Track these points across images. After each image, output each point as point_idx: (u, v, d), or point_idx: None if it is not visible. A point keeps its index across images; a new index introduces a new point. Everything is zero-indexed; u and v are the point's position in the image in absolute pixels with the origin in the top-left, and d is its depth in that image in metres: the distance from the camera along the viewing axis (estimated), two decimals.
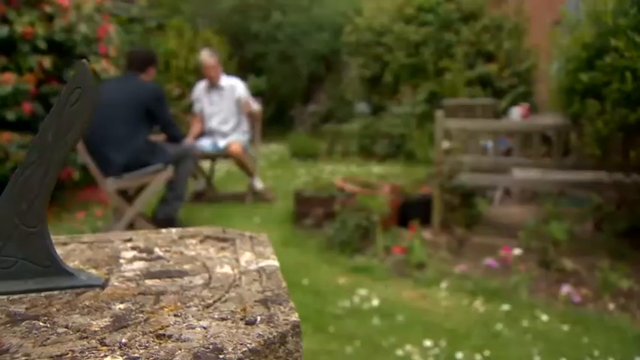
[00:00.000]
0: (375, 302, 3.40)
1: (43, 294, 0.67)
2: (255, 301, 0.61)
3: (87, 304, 0.63)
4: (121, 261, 0.78)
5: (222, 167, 7.37)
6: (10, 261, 0.68)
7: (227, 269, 0.73)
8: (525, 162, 4.88)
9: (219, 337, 0.53)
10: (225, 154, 5.86)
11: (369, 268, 4.01)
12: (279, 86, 11.04)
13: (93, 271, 0.75)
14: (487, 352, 2.80)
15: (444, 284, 3.70)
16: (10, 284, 0.68)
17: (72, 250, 0.85)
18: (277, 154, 9.33)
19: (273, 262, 0.74)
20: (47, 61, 4.95)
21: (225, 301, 0.61)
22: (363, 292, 3.57)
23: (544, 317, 3.19)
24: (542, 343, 2.88)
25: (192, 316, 0.58)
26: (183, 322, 0.56)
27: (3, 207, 0.68)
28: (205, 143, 5.82)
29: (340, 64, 11.35)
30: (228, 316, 0.58)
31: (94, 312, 0.60)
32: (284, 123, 10.75)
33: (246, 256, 0.78)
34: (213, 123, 5.94)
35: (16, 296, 0.67)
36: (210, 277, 0.70)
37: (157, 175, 4.59)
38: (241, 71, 8.58)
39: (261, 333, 0.53)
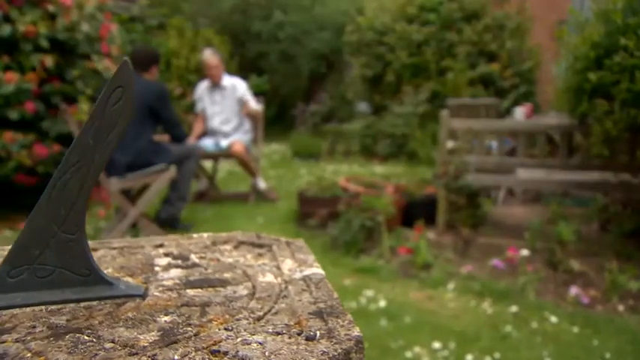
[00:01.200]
0: (382, 303, 3.38)
1: (81, 304, 0.65)
2: (309, 314, 0.58)
3: (130, 315, 0.60)
4: (157, 268, 0.75)
5: (224, 167, 7.35)
6: (47, 269, 0.65)
7: (270, 278, 0.70)
8: (530, 162, 4.86)
9: (280, 354, 0.50)
10: (227, 153, 5.83)
11: (375, 268, 3.99)
12: (280, 86, 11.02)
13: (129, 279, 0.72)
14: (497, 355, 2.78)
15: (450, 285, 3.68)
16: (48, 294, 0.65)
17: (102, 256, 0.82)
18: (279, 154, 9.30)
19: (319, 271, 0.71)
20: (49, 60, 4.92)
21: (276, 313, 0.59)
22: (369, 293, 3.54)
23: (553, 319, 3.17)
24: (553, 346, 2.86)
25: (245, 330, 0.55)
26: (237, 337, 0.53)
27: (41, 213, 0.65)
28: (207, 143, 5.80)
29: (342, 64, 11.33)
30: (284, 330, 0.55)
31: (139, 325, 0.58)
32: (285, 122, 10.72)
33: (287, 264, 0.75)
34: (215, 123, 5.91)
35: (54, 307, 0.64)
36: (254, 287, 0.67)
37: (161, 175, 4.56)
38: (242, 71, 8.56)
39: (325, 350, 0.50)
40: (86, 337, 0.55)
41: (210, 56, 5.76)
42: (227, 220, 5.25)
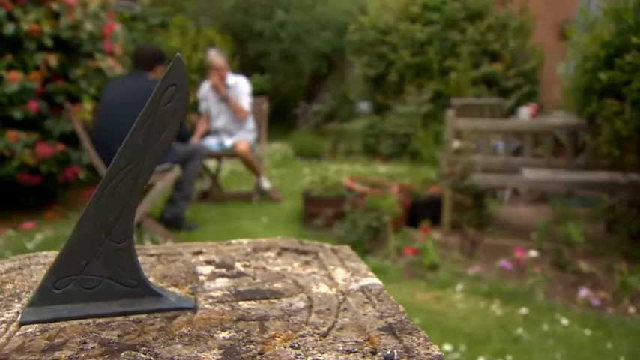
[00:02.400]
0: None
1: (130, 318, 0.61)
2: (379, 329, 0.55)
3: (184, 331, 0.57)
4: (201, 278, 0.72)
5: (227, 166, 7.32)
6: (94, 280, 0.62)
7: (324, 288, 0.67)
8: (536, 162, 4.83)
9: None
10: (231, 153, 5.80)
11: (382, 269, 3.96)
12: (281, 85, 10.98)
13: (174, 289, 0.69)
14: (509, 357, 2.75)
15: (458, 286, 3.66)
16: (94, 306, 0.62)
17: (141, 263, 0.79)
18: (280, 153, 9.27)
19: (375, 280, 0.69)
20: (53, 59, 4.89)
21: (341, 328, 0.56)
22: None
23: (564, 321, 3.14)
24: (565, 348, 2.84)
25: (313, 348, 0.52)
26: (306, 356, 0.50)
27: (88, 220, 0.62)
28: (211, 142, 5.76)
29: (343, 63, 11.30)
30: (355, 348, 0.52)
31: (197, 341, 0.55)
32: (287, 122, 10.69)
33: (340, 273, 0.72)
34: (220, 122, 5.88)
35: (102, 320, 0.61)
36: (309, 299, 0.64)
37: (165, 175, 4.53)
38: (244, 70, 8.51)
39: None
40: (143, 355, 0.52)
41: (215, 57, 5.73)
42: (231, 220, 5.22)
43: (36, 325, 0.60)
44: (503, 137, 5.10)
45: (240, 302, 0.64)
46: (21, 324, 0.60)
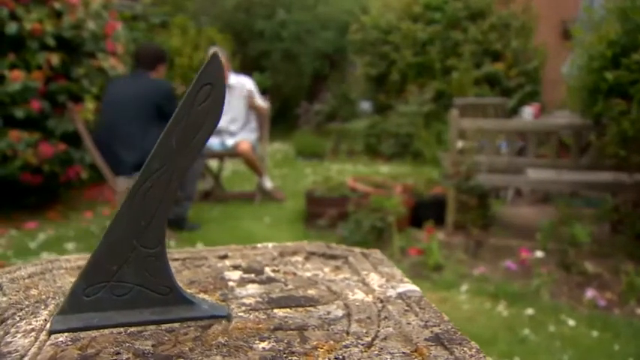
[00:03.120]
0: None
1: (162, 327, 0.59)
2: (426, 340, 0.53)
3: (221, 341, 0.55)
4: (231, 284, 0.70)
5: (228, 166, 7.29)
6: (125, 287, 0.60)
7: (360, 295, 0.65)
8: (540, 162, 4.82)
9: None
10: (234, 152, 5.77)
11: None
12: (283, 85, 10.96)
13: (204, 296, 0.66)
14: (516, 359, 2.74)
15: (463, 287, 3.64)
16: (125, 314, 0.60)
17: None
18: (282, 153, 9.25)
19: (413, 287, 0.67)
20: (55, 59, 4.87)
21: (385, 338, 0.54)
22: None
23: (570, 322, 3.12)
24: (572, 350, 2.82)
25: None
26: None
27: (119, 225, 0.59)
28: (213, 142, 5.74)
29: (345, 63, 11.28)
30: None
31: (236, 353, 0.52)
32: (288, 121, 10.67)
33: (374, 279, 0.70)
34: (222, 122, 5.84)
35: (133, 329, 0.59)
36: (347, 306, 0.62)
37: None
38: (245, 69, 8.49)
39: None
40: None
41: None
42: (234, 220, 5.20)
43: (66, 334, 0.58)
44: (507, 137, 5.08)
45: (275, 310, 0.62)
46: (50, 333, 0.58)
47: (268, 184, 6.08)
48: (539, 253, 3.97)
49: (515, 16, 8.60)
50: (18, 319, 0.60)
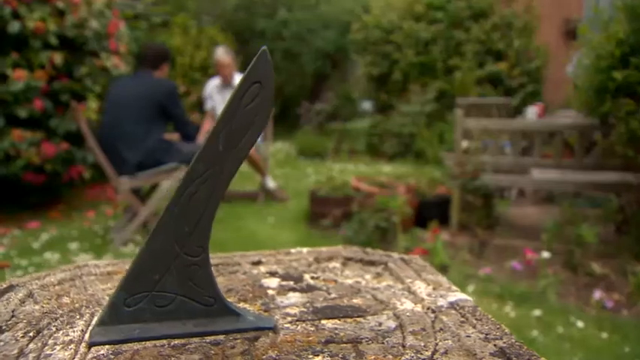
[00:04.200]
0: None
1: (207, 339, 0.56)
2: (491, 355, 0.51)
3: (272, 355, 0.52)
4: (270, 292, 0.68)
5: None
6: (167, 297, 0.57)
7: (409, 305, 0.63)
8: (545, 162, 4.79)
9: None
10: None
11: None
12: (284, 84, 10.93)
13: (245, 305, 0.64)
14: None
15: (470, 287, 3.61)
16: (168, 326, 0.57)
17: None
18: (283, 153, 9.23)
19: (464, 296, 0.64)
20: (58, 58, 4.84)
21: (446, 352, 0.51)
22: None
23: (579, 324, 3.10)
24: (582, 352, 2.79)
25: None
26: None
27: (162, 231, 0.57)
28: None
29: (346, 62, 11.25)
30: None
31: None
32: (289, 121, 10.64)
33: (420, 287, 0.68)
34: None
35: (177, 341, 0.56)
36: (397, 317, 0.60)
37: (172, 174, 4.49)
38: (246, 69, 8.46)
39: None
40: None
41: (222, 55, 5.68)
42: (238, 220, 5.17)
43: (107, 346, 0.55)
44: (511, 137, 5.06)
45: (323, 321, 0.59)
46: (90, 345, 0.55)
47: (271, 184, 6.05)
48: (545, 254, 3.95)
49: (517, 15, 8.57)
50: (54, 329, 0.58)
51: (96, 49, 5.34)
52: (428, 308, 0.61)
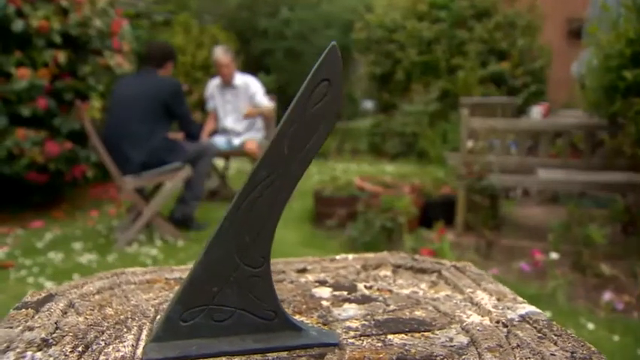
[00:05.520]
0: None
1: (269, 356, 0.53)
2: None
3: None
4: (324, 303, 0.65)
5: (233, 165, 7.24)
6: (226, 311, 0.54)
7: (476, 318, 0.60)
8: (552, 162, 4.77)
9: None
10: (241, 152, 5.72)
11: None
12: (286, 83, 10.90)
13: (301, 318, 0.61)
14: None
15: None
16: (226, 342, 0.53)
17: None
18: None
19: (534, 308, 0.61)
20: (62, 56, 4.81)
21: None
22: None
23: (590, 326, 3.08)
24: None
25: None
26: None
27: (221, 241, 0.53)
28: (219, 141, 5.68)
29: (349, 62, 11.22)
30: None
31: None
32: None
33: (482, 297, 0.65)
34: (228, 122, 5.79)
35: (236, 359, 0.53)
36: (467, 331, 0.57)
37: (176, 174, 4.46)
38: (248, 68, 8.43)
39: None
40: None
41: (221, 54, 5.61)
42: None
43: None
44: (517, 137, 5.04)
45: (390, 336, 0.56)
46: None
47: None
48: (554, 255, 3.92)
49: (520, 14, 8.55)
50: (103, 343, 0.55)
51: (99, 48, 5.31)
52: (497, 322, 0.58)
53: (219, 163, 6.15)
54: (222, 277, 0.54)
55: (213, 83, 5.89)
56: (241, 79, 5.79)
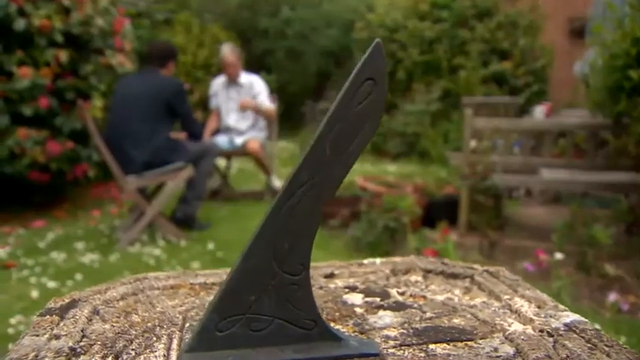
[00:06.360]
0: None
1: None
2: None
3: None
4: (358, 310, 0.63)
5: (235, 165, 7.23)
6: (263, 321, 0.52)
7: (518, 326, 0.58)
8: (556, 162, 4.76)
9: None
10: (243, 151, 5.70)
11: None
12: (287, 83, 10.88)
13: (336, 326, 0.59)
14: None
15: None
16: (264, 353, 0.51)
17: None
18: (287, 152, 9.18)
19: (579, 317, 0.59)
20: (64, 55, 4.78)
21: None
22: None
23: (595, 326, 3.04)
24: None
25: None
26: None
27: (259, 247, 0.51)
28: (222, 140, 5.66)
29: (350, 61, 11.20)
30: None
31: None
32: (293, 120, 10.59)
33: (521, 304, 0.63)
34: (231, 120, 5.78)
35: None
36: (512, 341, 0.55)
37: (178, 174, 4.45)
38: (249, 68, 8.42)
39: None
40: None
41: (227, 53, 5.60)
42: (244, 219, 5.12)
43: None
44: (520, 137, 5.03)
45: (431, 346, 0.54)
46: None
47: (277, 183, 6.00)
48: (558, 255, 3.90)
49: (522, 14, 8.53)
50: (133, 353, 0.53)
51: (101, 47, 5.28)
52: (541, 331, 0.56)
53: (221, 162, 6.13)
54: (259, 285, 0.52)
55: (218, 81, 5.88)
56: (247, 78, 5.78)
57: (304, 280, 0.52)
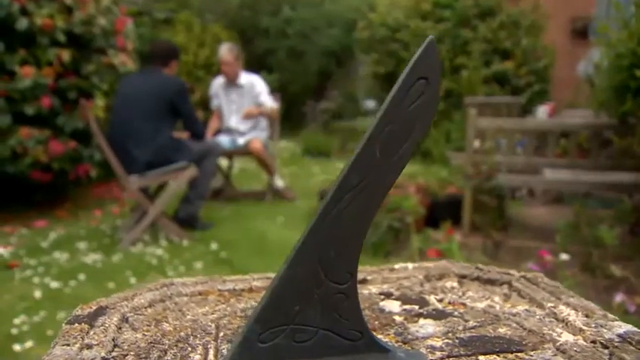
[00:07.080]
0: None
1: None
2: None
3: None
4: (397, 318, 0.61)
5: (237, 164, 7.21)
6: (308, 332, 0.50)
7: (568, 336, 0.56)
8: (559, 162, 4.74)
9: None
10: (245, 151, 5.68)
11: None
12: (289, 83, 10.85)
13: (379, 336, 0.57)
14: None
15: None
16: None
17: None
18: (288, 151, 9.16)
19: (631, 327, 0.58)
20: (66, 55, 4.76)
21: None
22: None
23: None
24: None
25: None
26: None
27: (304, 255, 0.49)
28: (224, 140, 5.64)
29: (352, 61, 11.18)
30: None
31: None
32: (294, 120, 10.57)
33: (567, 313, 0.61)
34: (232, 122, 5.75)
35: None
36: (564, 352, 0.53)
37: (181, 173, 4.43)
38: (250, 67, 8.40)
39: None
40: None
41: (225, 53, 5.55)
42: (246, 219, 5.11)
43: None
44: (524, 136, 5.01)
45: (480, 357, 0.52)
46: None
47: (279, 182, 5.98)
48: (563, 256, 3.89)
49: (524, 14, 8.51)
50: None
51: (103, 46, 5.26)
52: (594, 342, 0.54)
53: (223, 162, 6.11)
54: (305, 294, 0.49)
55: (218, 82, 5.84)
56: (247, 78, 5.74)
57: (351, 289, 0.50)
